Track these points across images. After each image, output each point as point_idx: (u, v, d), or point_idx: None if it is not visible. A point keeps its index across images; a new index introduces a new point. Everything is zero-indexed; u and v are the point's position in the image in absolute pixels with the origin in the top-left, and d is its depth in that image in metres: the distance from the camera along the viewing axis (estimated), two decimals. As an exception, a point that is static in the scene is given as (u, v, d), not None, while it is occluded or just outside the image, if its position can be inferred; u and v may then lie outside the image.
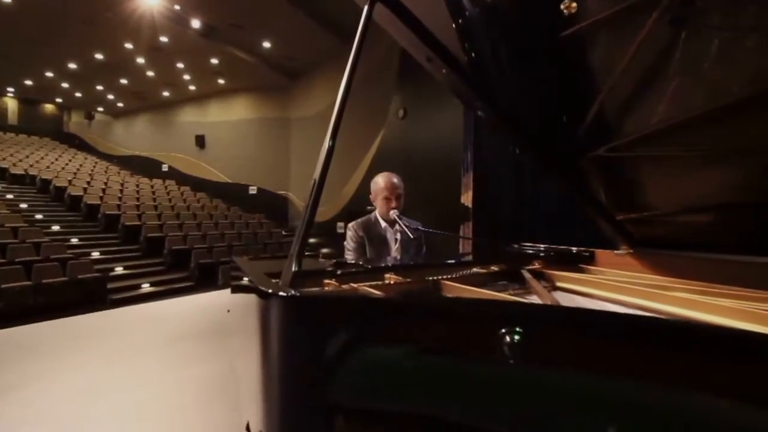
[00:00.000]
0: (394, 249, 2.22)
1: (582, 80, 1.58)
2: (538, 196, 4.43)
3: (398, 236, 2.21)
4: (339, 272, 1.24)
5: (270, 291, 0.77)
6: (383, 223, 2.23)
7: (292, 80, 13.39)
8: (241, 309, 1.40)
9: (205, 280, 8.44)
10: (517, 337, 0.65)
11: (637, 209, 1.60)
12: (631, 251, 1.66)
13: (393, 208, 2.13)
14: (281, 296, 0.76)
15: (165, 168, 16.63)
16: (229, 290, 2.03)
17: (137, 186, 13.61)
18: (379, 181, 2.22)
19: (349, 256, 2.16)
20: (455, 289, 1.25)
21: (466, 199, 5.13)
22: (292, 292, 0.76)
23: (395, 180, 2.21)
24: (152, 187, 14.04)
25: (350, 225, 2.24)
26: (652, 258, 1.60)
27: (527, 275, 1.50)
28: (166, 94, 15.68)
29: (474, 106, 1.32)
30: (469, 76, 1.14)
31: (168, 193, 13.70)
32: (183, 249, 9.30)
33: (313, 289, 1.12)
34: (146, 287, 7.96)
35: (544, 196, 4.34)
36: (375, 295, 0.98)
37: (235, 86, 14.43)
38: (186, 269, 8.91)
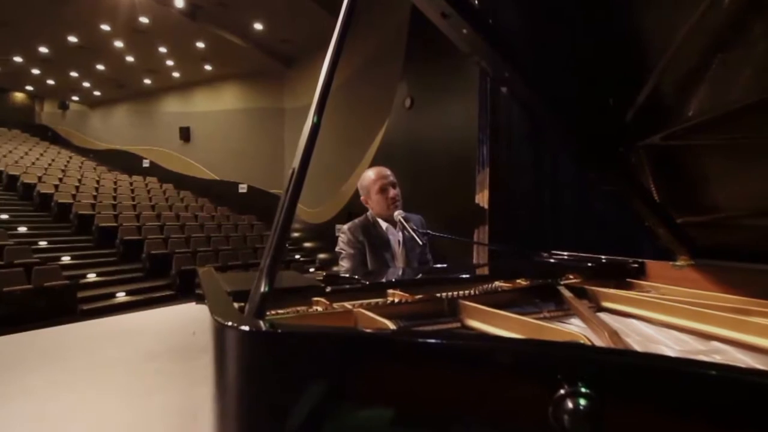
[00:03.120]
0: (399, 252, 2.10)
1: (632, 51, 1.41)
2: (563, 195, 4.26)
3: (401, 236, 2.10)
4: (329, 289, 1.08)
5: (226, 323, 0.61)
6: (383, 224, 2.12)
7: (287, 66, 13.28)
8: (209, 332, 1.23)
9: (186, 289, 8.31)
10: (584, 402, 0.48)
11: (702, 211, 1.43)
12: (692, 263, 1.49)
13: (392, 198, 2.04)
14: (241, 330, 0.59)
15: (146, 163, 16.58)
16: None
17: (115, 183, 13.55)
18: (368, 174, 2.14)
19: (345, 265, 2.01)
20: (477, 312, 1.08)
21: (482, 199, 4.95)
22: (257, 325, 0.60)
23: (387, 171, 2.13)
24: (131, 184, 13.98)
25: (344, 228, 2.11)
26: (719, 272, 1.43)
27: (565, 293, 1.33)
28: (147, 81, 15.61)
29: (501, 78, 1.15)
30: (496, 38, 0.98)
31: (149, 192, 13.62)
32: (163, 254, 9.19)
33: (288, 312, 0.95)
34: (121, 296, 7.85)
35: (570, 195, 4.17)
36: (372, 331, 0.82)
37: (223, 73, 14.32)
38: (166, 276, 8.80)
